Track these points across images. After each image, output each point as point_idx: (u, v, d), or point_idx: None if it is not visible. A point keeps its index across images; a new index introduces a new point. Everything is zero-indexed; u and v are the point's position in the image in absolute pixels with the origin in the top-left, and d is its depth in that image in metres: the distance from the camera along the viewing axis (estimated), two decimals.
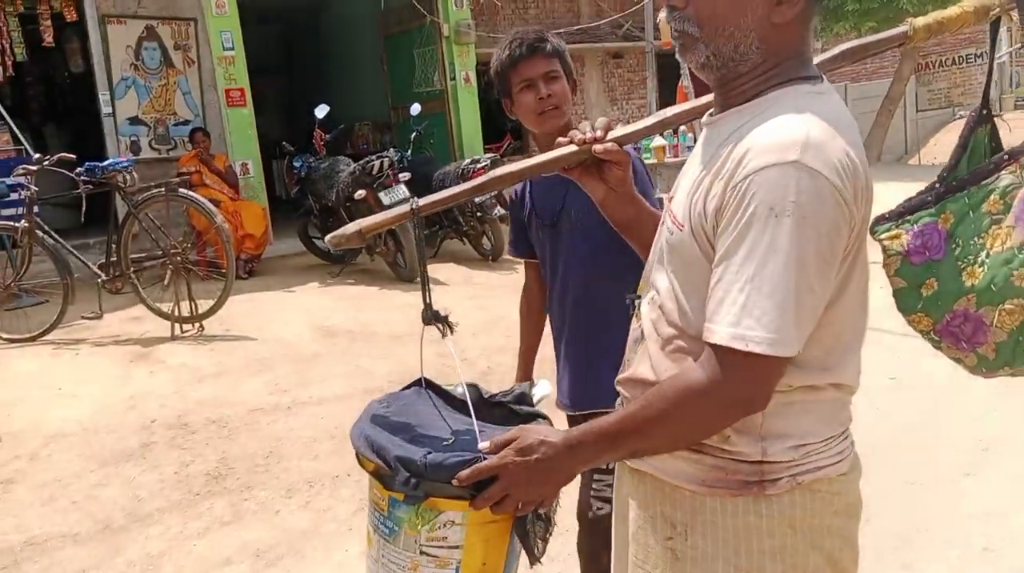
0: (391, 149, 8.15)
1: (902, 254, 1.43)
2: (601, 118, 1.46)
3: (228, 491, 3.69)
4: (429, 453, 1.29)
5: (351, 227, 1.55)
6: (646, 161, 8.40)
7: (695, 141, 5.55)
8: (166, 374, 5.07)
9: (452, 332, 1.46)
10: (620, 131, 1.42)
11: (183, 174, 7.75)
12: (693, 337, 1.21)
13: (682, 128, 8.47)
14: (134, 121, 8.58)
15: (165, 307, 5.90)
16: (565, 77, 2.10)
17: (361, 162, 7.29)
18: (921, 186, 1.49)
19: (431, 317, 1.45)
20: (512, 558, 1.37)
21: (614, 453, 1.25)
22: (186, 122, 8.75)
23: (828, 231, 1.08)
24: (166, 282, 5.90)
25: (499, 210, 7.56)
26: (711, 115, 1.28)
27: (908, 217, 1.44)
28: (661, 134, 8.36)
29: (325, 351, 5.39)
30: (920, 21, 1.44)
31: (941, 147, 16.48)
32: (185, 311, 5.84)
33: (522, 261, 2.41)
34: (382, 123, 12.02)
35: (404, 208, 1.49)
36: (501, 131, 15.34)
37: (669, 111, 1.48)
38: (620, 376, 1.37)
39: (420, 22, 10.49)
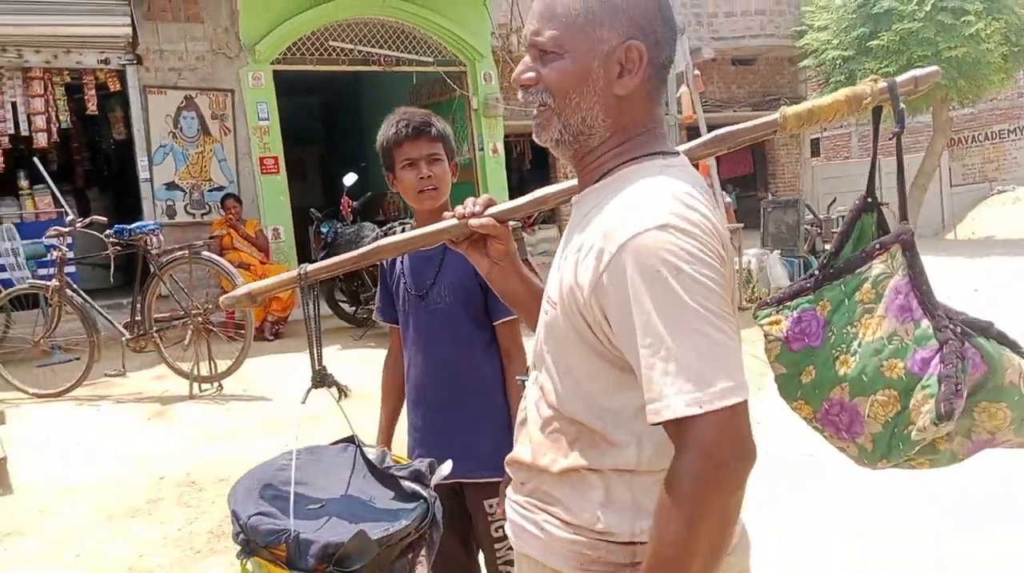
0: None
1: (781, 340, 1.41)
2: (484, 195, 1.50)
3: (229, 549, 3.70)
4: (255, 514, 1.34)
5: (241, 290, 1.61)
6: None
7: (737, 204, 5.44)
8: (181, 432, 5.15)
9: (346, 395, 1.53)
10: (499, 207, 1.46)
11: (214, 238, 7.99)
12: (567, 419, 1.21)
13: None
14: (171, 186, 8.89)
15: (186, 366, 6.03)
16: (447, 160, 2.21)
17: (383, 228, 7.46)
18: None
19: (320, 380, 1.50)
20: None
21: None
22: (220, 188, 9.05)
23: (716, 280, 1.09)
24: (187, 342, 6.04)
25: None
26: (576, 197, 1.30)
27: (788, 303, 1.43)
28: None
29: (336, 412, 5.43)
30: (791, 110, 1.44)
31: (979, 222, 16.35)
32: (205, 371, 5.96)
33: (388, 326, 2.42)
34: None
35: (293, 273, 1.53)
36: None
37: (545, 190, 1.50)
38: (507, 457, 1.36)
39: (450, 95, 10.80)
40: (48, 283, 6.04)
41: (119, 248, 6.10)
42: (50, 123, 8.38)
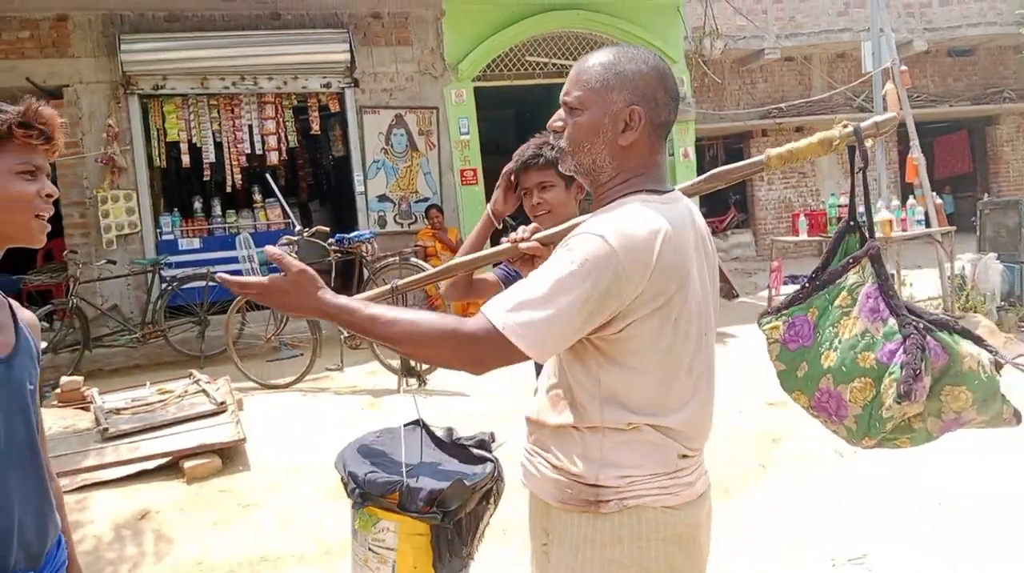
0: None
1: (780, 342, 1.69)
2: (533, 224, 1.98)
3: None
4: (370, 472, 1.69)
5: (355, 298, 2.11)
6: None
7: (924, 215, 5.56)
8: (391, 421, 5.61)
9: (424, 384, 1.98)
10: (542, 234, 1.88)
11: (419, 246, 8.60)
12: (561, 387, 1.58)
13: (911, 201, 8.10)
14: (382, 198, 9.64)
15: (395, 363, 6.56)
16: (565, 182, 2.39)
17: None
18: None
19: (407, 371, 1.89)
20: (456, 568, 1.71)
21: (353, 329, 1.56)
22: (425, 199, 9.69)
23: (604, 288, 1.41)
24: None
25: None
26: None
27: (784, 311, 1.71)
28: (887, 208, 8.06)
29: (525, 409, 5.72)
30: (774, 151, 1.74)
31: None
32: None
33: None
34: None
35: (387, 287, 1.93)
36: (726, 204, 15.33)
37: (574, 221, 1.81)
38: (524, 415, 1.72)
39: None
40: None
41: (340, 255, 6.76)
42: (280, 142, 9.34)
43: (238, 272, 8.68)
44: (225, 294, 8.09)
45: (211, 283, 8.18)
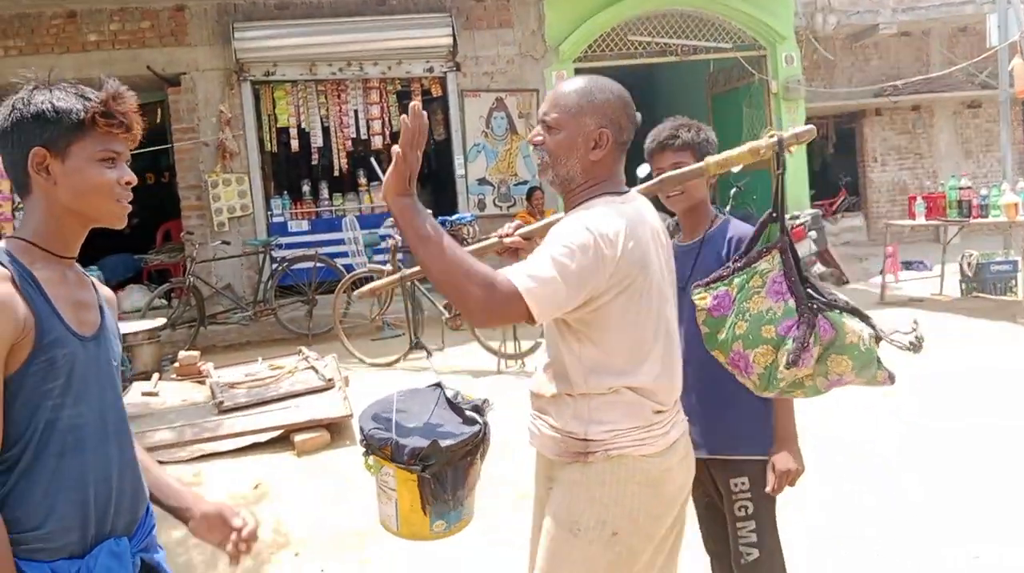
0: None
1: (706, 310, 2.05)
2: (517, 221, 2.29)
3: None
4: (373, 428, 2.06)
5: (367, 287, 2.50)
6: (995, 218, 7.70)
7: None
8: (492, 400, 5.68)
9: (430, 356, 2.22)
10: (524, 229, 2.21)
11: None
12: (556, 362, 1.93)
13: None
14: (482, 181, 9.72)
15: (494, 344, 6.62)
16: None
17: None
18: None
19: (416, 344, 2.07)
20: (442, 509, 2.04)
21: (408, 234, 1.77)
22: (524, 182, 9.71)
23: (588, 265, 1.74)
24: None
25: (819, 267, 7.39)
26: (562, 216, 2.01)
27: (712, 285, 2.06)
28: (1012, 190, 7.62)
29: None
30: (712, 159, 2.10)
31: None
32: (510, 349, 6.51)
33: None
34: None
35: (396, 276, 2.24)
36: (836, 187, 14.78)
37: (549, 219, 2.12)
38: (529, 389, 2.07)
39: (748, 80, 10.61)
40: (383, 268, 6.93)
41: None
42: (384, 127, 9.53)
43: (344, 254, 8.93)
44: (332, 275, 8.34)
45: (319, 264, 8.44)
